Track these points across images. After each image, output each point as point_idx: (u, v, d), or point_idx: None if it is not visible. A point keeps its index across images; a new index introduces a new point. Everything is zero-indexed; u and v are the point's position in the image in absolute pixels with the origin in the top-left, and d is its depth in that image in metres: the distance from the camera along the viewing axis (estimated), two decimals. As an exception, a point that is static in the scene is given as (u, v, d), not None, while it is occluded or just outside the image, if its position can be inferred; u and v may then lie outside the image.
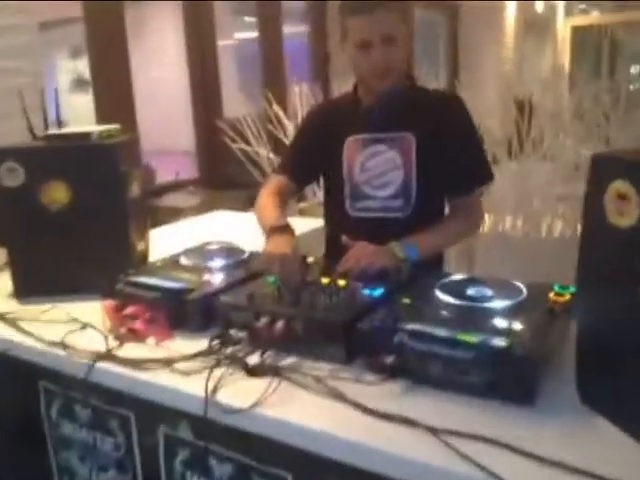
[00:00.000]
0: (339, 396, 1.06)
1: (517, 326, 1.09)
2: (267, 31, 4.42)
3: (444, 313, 1.17)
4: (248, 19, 5.14)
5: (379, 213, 1.64)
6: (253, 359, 1.20)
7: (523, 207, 2.78)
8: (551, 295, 1.23)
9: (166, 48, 4.22)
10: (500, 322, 1.11)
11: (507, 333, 1.06)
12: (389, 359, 1.08)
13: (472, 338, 1.03)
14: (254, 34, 4.55)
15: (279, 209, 1.65)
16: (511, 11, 8.04)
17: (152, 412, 1.24)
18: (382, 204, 1.63)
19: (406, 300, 1.24)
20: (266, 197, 1.71)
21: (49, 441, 1.51)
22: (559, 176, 2.84)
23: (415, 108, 1.63)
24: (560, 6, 9.42)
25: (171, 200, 3.29)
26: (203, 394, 1.10)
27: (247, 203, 3.63)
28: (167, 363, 1.22)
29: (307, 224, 2.42)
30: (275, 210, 1.63)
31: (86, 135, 1.64)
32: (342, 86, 3.12)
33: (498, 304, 1.17)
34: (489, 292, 1.23)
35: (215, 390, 1.11)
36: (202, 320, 1.37)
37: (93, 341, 1.36)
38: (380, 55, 1.52)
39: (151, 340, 1.35)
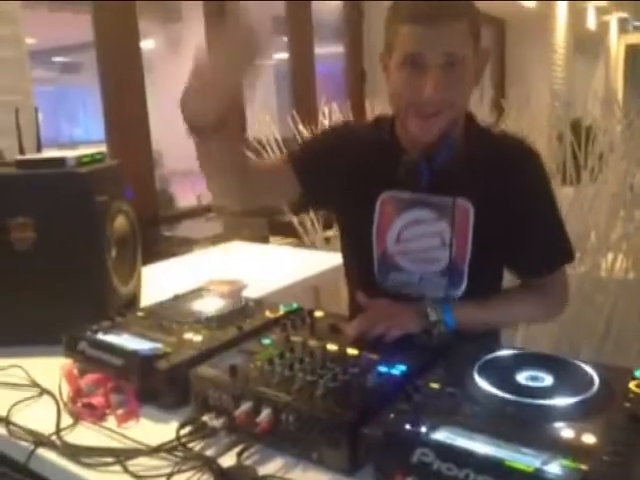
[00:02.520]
0: (334, 533, 0.76)
1: (588, 440, 0.77)
2: (298, 50, 4.18)
3: (485, 413, 0.85)
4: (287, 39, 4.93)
5: (419, 290, 1.27)
6: (229, 458, 0.92)
7: (580, 242, 2.42)
8: (632, 386, 0.90)
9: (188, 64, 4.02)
10: (564, 432, 0.79)
11: (574, 454, 0.74)
12: (406, 482, 0.78)
13: (525, 465, 0.71)
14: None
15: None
16: (561, 26, 7.65)
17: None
18: (423, 283, 1.27)
19: (435, 385, 0.93)
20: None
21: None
22: (620, 204, 2.48)
23: (475, 163, 1.19)
24: (614, 23, 8.98)
25: (187, 229, 3.05)
26: (154, 512, 0.82)
27: (269, 231, 3.39)
28: (118, 458, 0.94)
29: (332, 258, 2.13)
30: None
31: (60, 161, 1.39)
32: (377, 108, 2.85)
33: (561, 401, 0.85)
34: (547, 379, 0.91)
35: (170, 509, 0.82)
36: (175, 395, 1.09)
37: (45, 416, 1.09)
38: (437, 81, 1.09)
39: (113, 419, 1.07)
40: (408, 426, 0.82)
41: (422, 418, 0.83)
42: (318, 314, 1.27)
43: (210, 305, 1.36)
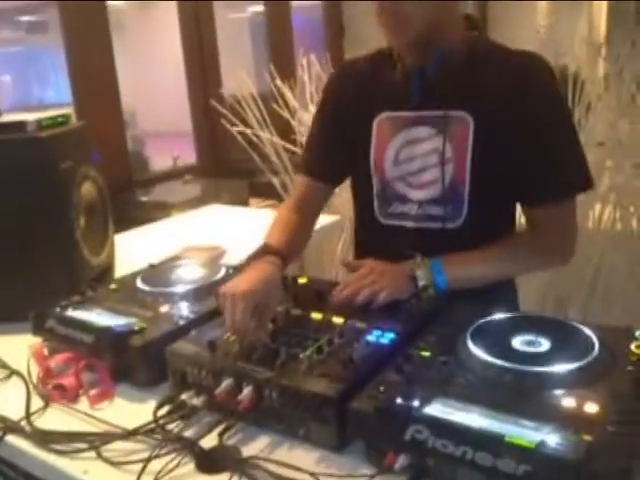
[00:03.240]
0: (324, 518, 0.71)
1: (590, 409, 0.72)
2: (273, 1, 4.00)
3: (480, 382, 0.80)
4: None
5: (417, 222, 1.18)
6: (210, 439, 0.86)
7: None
8: (633, 347, 0.86)
9: (163, 19, 3.84)
10: (564, 401, 0.74)
11: (577, 425, 0.69)
12: (400, 461, 0.72)
13: (526, 441, 0.66)
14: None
15: (284, 234, 1.23)
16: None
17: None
18: (421, 211, 1.17)
19: (426, 354, 0.88)
20: (279, 217, 1.30)
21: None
22: (607, 154, 2.42)
23: (478, 74, 1.11)
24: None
25: (163, 192, 2.94)
26: (131, 501, 0.76)
27: (249, 193, 3.30)
28: (92, 444, 0.88)
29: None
30: (278, 235, 1.22)
31: (18, 125, 1.29)
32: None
33: (560, 367, 0.80)
34: (544, 344, 0.86)
35: (148, 498, 0.77)
36: (152, 372, 1.03)
37: (15, 398, 1.03)
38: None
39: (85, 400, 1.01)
40: (400, 400, 0.76)
41: (414, 390, 0.78)
42: (302, 280, 1.20)
43: (188, 275, 1.28)
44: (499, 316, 0.96)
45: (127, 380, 1.04)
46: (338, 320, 1.01)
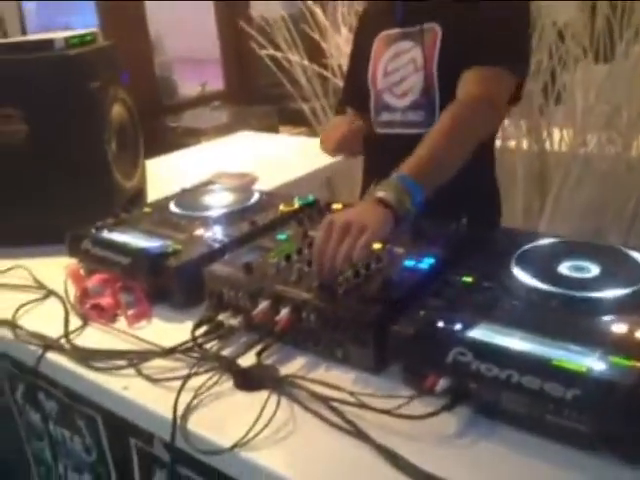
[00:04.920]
0: (362, 436, 0.71)
1: (644, 335, 0.70)
2: None
3: (526, 308, 0.78)
4: None
5: (400, 129, 1.30)
6: (248, 359, 0.86)
7: (611, 121, 2.26)
8: (688, 274, 0.82)
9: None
10: (615, 327, 0.72)
11: (628, 350, 0.67)
12: (441, 384, 0.71)
13: (575, 364, 0.64)
14: None
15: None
16: None
17: (119, 420, 0.92)
18: (403, 118, 1.30)
19: (468, 279, 0.85)
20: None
21: (20, 427, 1.24)
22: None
23: None
24: None
25: (192, 118, 2.89)
26: (170, 415, 0.77)
27: (279, 120, 3.23)
28: (131, 361, 0.89)
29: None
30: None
31: (47, 43, 1.25)
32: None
33: (610, 293, 0.77)
34: (593, 269, 0.83)
35: (187, 413, 0.78)
36: (188, 294, 1.03)
37: (53, 318, 1.04)
38: None
39: (123, 320, 1.02)
40: (441, 323, 0.75)
41: (456, 315, 0.76)
42: (336, 206, 1.18)
43: (220, 199, 1.27)
44: (545, 241, 0.93)
45: (164, 302, 1.04)
46: (376, 245, 0.99)
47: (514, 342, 0.69)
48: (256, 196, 1.25)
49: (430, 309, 0.79)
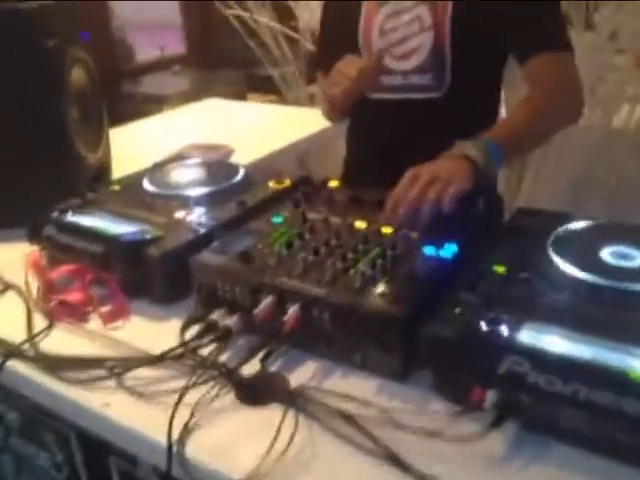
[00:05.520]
0: (401, 464, 0.60)
1: None
2: None
3: (577, 303, 0.68)
4: None
5: (402, 94, 1.18)
6: (251, 366, 0.74)
7: (594, 92, 2.19)
8: None
9: None
10: (684, 327, 0.63)
11: None
12: (489, 397, 0.61)
13: (658, 378, 0.55)
14: None
15: None
16: None
17: (97, 435, 0.79)
18: (406, 81, 1.17)
19: (500, 269, 0.75)
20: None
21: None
22: None
23: None
24: None
25: (153, 84, 2.68)
26: (164, 439, 0.65)
27: (245, 86, 3.04)
28: (111, 371, 0.76)
29: (320, 118, 1.89)
30: None
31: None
32: None
33: (667, 286, 0.68)
34: (639, 257, 0.74)
35: (185, 436, 0.65)
36: (171, 287, 0.90)
37: (12, 317, 0.90)
38: None
39: (96, 319, 0.88)
40: (484, 325, 0.64)
41: (498, 313, 0.65)
42: (333, 184, 1.06)
43: (200, 175, 1.13)
44: (580, 224, 0.83)
45: (143, 296, 0.91)
46: (387, 230, 0.87)
47: (576, 349, 0.59)
48: (241, 172, 1.12)
49: (466, 306, 0.68)
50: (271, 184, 1.08)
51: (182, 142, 1.64)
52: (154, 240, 0.89)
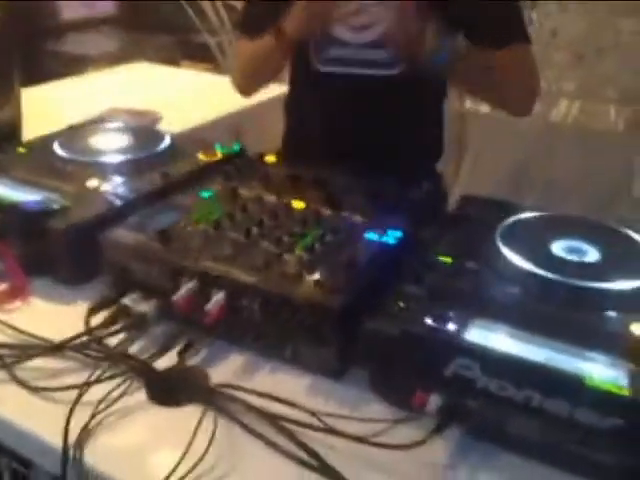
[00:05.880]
0: (331, 473, 0.53)
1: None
2: None
3: (529, 299, 0.63)
4: None
5: (355, 68, 1.06)
6: (166, 359, 0.65)
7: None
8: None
9: None
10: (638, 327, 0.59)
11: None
12: (432, 402, 0.55)
13: (614, 386, 0.50)
14: None
15: None
16: None
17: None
18: (361, 55, 1.06)
19: (446, 259, 0.69)
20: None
21: None
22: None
23: None
24: None
25: (77, 44, 2.48)
26: (59, 442, 0.55)
27: (179, 52, 2.88)
28: (1, 360, 0.65)
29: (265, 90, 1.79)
30: None
31: None
32: None
33: (622, 283, 0.64)
34: (591, 252, 0.69)
35: (84, 439, 0.56)
36: (78, 265, 0.79)
37: None
38: None
39: (-11, 298, 0.76)
40: (430, 321, 0.58)
41: (445, 308, 0.59)
42: (270, 159, 0.97)
43: (120, 141, 1.01)
44: (530, 214, 0.78)
45: (46, 275, 0.79)
46: (327, 211, 0.80)
47: (529, 350, 0.54)
48: (167, 140, 1.01)
49: (410, 299, 0.62)
50: (200, 156, 0.98)
51: (105, 106, 1.51)
52: (59, 211, 0.78)
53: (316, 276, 0.66)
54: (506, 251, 0.69)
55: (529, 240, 0.72)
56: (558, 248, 0.70)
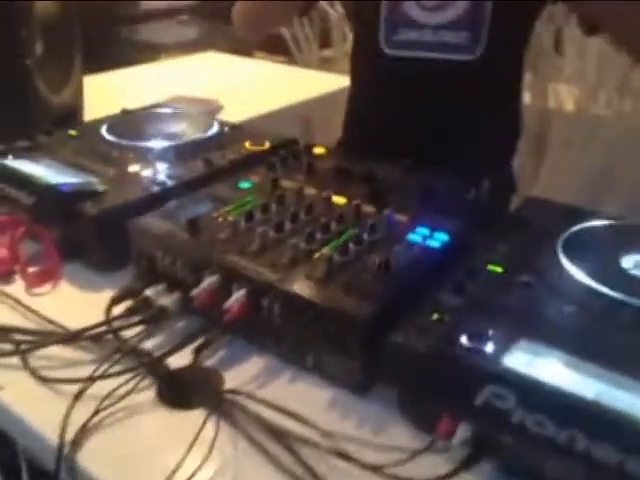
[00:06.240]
0: (339, 504, 0.47)
1: None
2: None
3: (585, 319, 0.54)
4: None
5: (430, 52, 1.00)
6: (182, 356, 0.61)
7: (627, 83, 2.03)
8: None
9: None
10: None
11: None
12: (460, 432, 0.48)
13: (685, 437, 0.41)
14: None
15: None
16: None
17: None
18: (436, 38, 0.99)
19: (497, 269, 0.61)
20: None
21: None
22: None
23: None
24: None
25: (154, 32, 2.53)
26: (56, 438, 0.52)
27: (254, 44, 2.87)
28: (16, 346, 0.63)
29: (331, 82, 1.74)
30: None
31: None
32: None
33: None
34: (669, 270, 0.60)
35: (81, 437, 0.53)
36: (110, 251, 0.76)
37: None
38: None
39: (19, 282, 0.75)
40: (465, 339, 0.50)
41: (486, 325, 0.52)
42: (319, 150, 0.91)
43: (168, 127, 0.99)
44: (600, 222, 0.68)
45: (77, 259, 0.78)
46: (369, 208, 0.73)
47: (580, 382, 0.46)
48: (215, 127, 0.98)
49: (446, 311, 0.54)
50: (247, 145, 0.94)
51: (170, 93, 1.50)
52: (94, 195, 0.76)
53: (346, 280, 0.60)
54: (567, 263, 0.60)
55: (596, 252, 0.63)
56: (629, 262, 0.61)
